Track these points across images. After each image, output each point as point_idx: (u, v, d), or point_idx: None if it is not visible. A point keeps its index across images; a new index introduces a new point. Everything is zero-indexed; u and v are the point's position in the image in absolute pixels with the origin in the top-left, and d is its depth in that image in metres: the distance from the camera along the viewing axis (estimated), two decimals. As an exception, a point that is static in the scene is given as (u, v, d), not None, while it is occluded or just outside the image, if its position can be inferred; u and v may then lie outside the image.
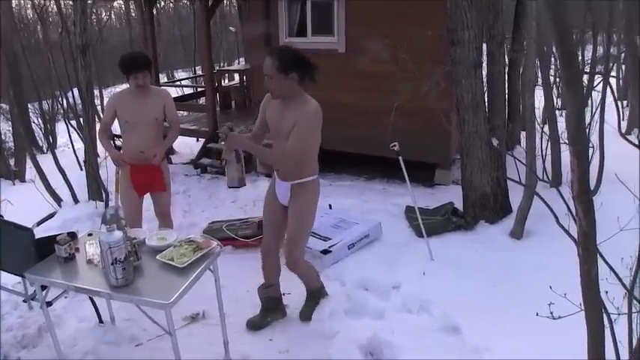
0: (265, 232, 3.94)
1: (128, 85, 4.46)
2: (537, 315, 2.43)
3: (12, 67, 11.58)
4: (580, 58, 9.66)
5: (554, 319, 2.33)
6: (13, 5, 14.10)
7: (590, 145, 4.52)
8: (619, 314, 2.24)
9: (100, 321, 4.03)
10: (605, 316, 2.08)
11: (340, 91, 7.04)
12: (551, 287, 2.67)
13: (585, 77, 7.06)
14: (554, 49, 9.57)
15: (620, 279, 2.18)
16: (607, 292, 2.20)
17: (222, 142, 3.47)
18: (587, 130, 4.57)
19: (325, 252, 4.82)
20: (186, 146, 10.33)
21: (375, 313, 4.01)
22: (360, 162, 7.67)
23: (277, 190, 3.79)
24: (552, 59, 10.85)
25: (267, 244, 3.91)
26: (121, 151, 4.60)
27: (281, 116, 3.48)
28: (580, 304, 2.06)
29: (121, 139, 4.71)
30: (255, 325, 3.99)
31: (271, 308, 4.04)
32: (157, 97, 4.50)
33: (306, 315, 4.05)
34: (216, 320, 3.78)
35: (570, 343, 2.54)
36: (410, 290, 4.22)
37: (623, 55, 10.49)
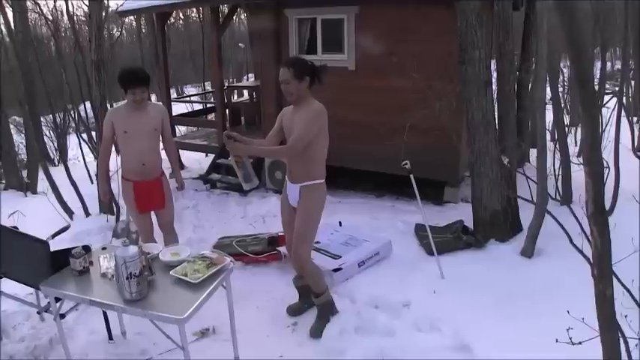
0: (285, 232, 4.31)
1: (126, 100, 4.45)
2: (557, 341, 2.40)
3: (27, 81, 11.70)
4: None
5: (573, 344, 2.31)
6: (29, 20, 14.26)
7: (605, 165, 4.51)
8: (639, 338, 2.22)
9: (110, 338, 4.03)
10: (621, 339, 2.07)
11: (350, 109, 7.09)
12: (569, 312, 2.66)
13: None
14: (562, 66, 9.63)
15: (635, 300, 2.17)
16: (626, 316, 2.19)
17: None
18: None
19: (336, 270, 4.81)
20: (196, 161, 10.39)
21: (385, 331, 3.99)
22: (370, 179, 7.68)
23: (288, 193, 4.08)
24: (561, 77, 10.89)
25: (289, 243, 4.20)
26: (120, 169, 4.62)
27: (292, 121, 3.83)
28: (597, 330, 2.05)
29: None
30: (295, 310, 4.40)
31: (307, 295, 4.29)
32: (155, 110, 4.54)
33: (316, 332, 4.05)
34: (226, 336, 3.80)
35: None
36: (420, 308, 4.21)
37: (632, 72, 10.47)
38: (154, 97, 14.03)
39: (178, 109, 12.87)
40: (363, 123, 7.20)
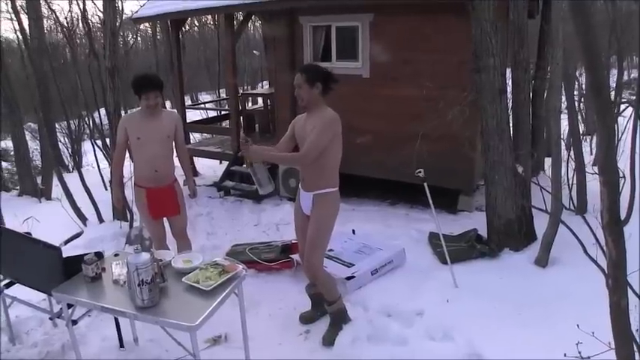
0: (298, 240, 4.29)
1: (139, 107, 4.49)
2: (565, 355, 2.38)
3: (42, 88, 11.82)
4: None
5: (582, 359, 2.28)
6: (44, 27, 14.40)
7: (621, 175, 4.45)
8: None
9: (121, 345, 4.03)
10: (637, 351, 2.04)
11: (364, 116, 7.07)
12: (578, 326, 2.64)
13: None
14: (577, 74, 9.55)
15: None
16: (637, 330, 2.16)
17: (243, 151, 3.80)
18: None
19: (349, 278, 4.80)
20: (210, 168, 10.42)
21: (397, 339, 3.96)
22: (383, 187, 7.66)
23: (301, 201, 4.08)
24: (576, 84, 10.80)
25: (302, 251, 4.18)
26: (133, 176, 4.64)
27: (305, 128, 3.85)
28: (610, 343, 2.02)
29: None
30: (308, 319, 4.39)
31: (320, 303, 4.26)
32: (169, 117, 4.56)
33: (328, 340, 4.03)
34: (238, 343, 3.79)
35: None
36: (433, 317, 4.18)
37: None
38: (168, 104, 14.09)
39: (193, 116, 12.92)
40: (378, 131, 7.17)
